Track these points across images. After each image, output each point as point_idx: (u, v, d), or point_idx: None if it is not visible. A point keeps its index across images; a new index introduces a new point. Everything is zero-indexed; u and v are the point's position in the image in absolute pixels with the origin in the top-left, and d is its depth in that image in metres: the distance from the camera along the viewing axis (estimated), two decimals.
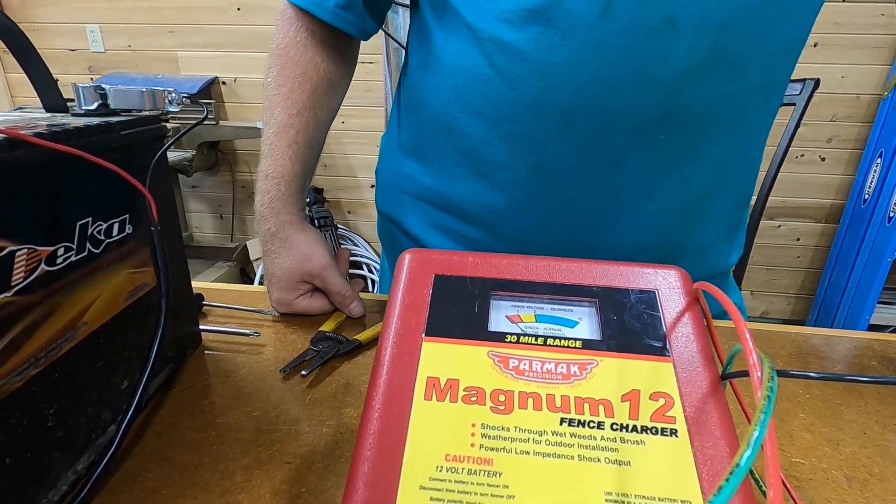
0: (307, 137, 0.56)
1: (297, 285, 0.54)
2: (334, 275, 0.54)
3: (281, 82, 0.56)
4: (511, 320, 0.29)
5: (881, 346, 0.53)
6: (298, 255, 0.53)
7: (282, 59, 0.56)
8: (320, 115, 0.58)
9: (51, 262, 0.29)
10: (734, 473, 0.13)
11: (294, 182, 0.55)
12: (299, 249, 0.54)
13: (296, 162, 0.55)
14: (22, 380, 0.27)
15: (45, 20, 2.32)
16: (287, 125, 0.55)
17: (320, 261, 0.53)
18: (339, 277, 0.54)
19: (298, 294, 0.54)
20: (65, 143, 0.29)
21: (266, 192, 0.54)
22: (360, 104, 2.24)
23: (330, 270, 0.54)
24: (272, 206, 0.54)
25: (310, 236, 0.55)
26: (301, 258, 0.53)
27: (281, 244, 0.54)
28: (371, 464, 0.23)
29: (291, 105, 0.55)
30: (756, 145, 0.55)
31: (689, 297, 0.30)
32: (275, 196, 0.54)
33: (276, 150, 0.55)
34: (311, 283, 0.54)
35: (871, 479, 0.35)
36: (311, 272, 0.53)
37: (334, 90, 0.59)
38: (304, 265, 0.53)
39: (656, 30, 0.42)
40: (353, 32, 0.57)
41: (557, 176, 0.50)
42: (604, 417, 0.25)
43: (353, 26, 0.56)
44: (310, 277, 0.54)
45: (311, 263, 0.53)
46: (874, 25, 1.95)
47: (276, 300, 0.54)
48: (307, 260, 0.53)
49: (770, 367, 0.17)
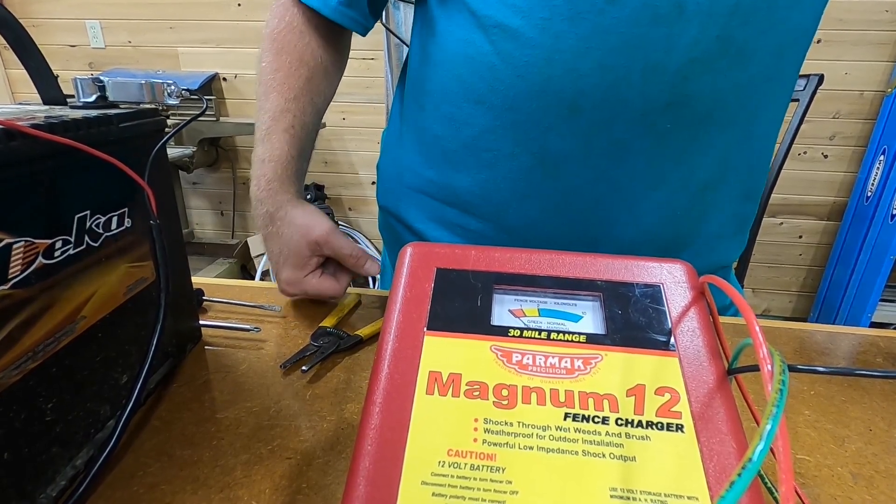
0: (304, 123, 0.55)
1: (307, 260, 0.52)
2: (341, 238, 0.52)
3: (276, 67, 0.55)
4: (514, 314, 0.29)
5: (885, 343, 0.52)
6: (301, 227, 0.52)
7: (276, 43, 0.55)
8: (316, 101, 0.57)
9: (49, 256, 0.28)
10: (746, 468, 0.13)
11: (291, 164, 0.54)
12: (300, 222, 0.52)
13: (293, 146, 0.54)
14: (20, 374, 0.27)
15: (45, 16, 2.31)
16: (284, 110, 0.54)
17: (323, 227, 0.52)
18: (347, 240, 0.53)
19: (308, 271, 0.52)
20: (63, 135, 0.29)
21: (262, 175, 0.53)
22: (361, 100, 2.24)
23: (336, 234, 0.52)
24: (269, 188, 0.53)
25: (308, 209, 0.53)
26: (304, 230, 0.52)
27: (281, 222, 0.52)
28: (372, 459, 0.23)
29: (288, 90, 0.54)
30: (763, 139, 0.54)
31: (695, 292, 0.29)
32: (271, 178, 0.53)
33: (273, 135, 0.53)
34: (321, 254, 0.52)
35: (877, 476, 0.35)
36: (316, 240, 0.51)
37: (329, 78, 0.59)
38: (308, 235, 0.51)
39: (664, 17, 0.42)
40: (357, 29, 0.57)
41: (562, 165, 0.50)
42: (608, 412, 0.24)
43: (355, 23, 0.56)
44: (317, 247, 0.52)
45: (315, 231, 0.51)
46: (878, 22, 1.94)
47: (286, 280, 0.52)
48: (310, 230, 0.52)
49: (781, 361, 0.17)
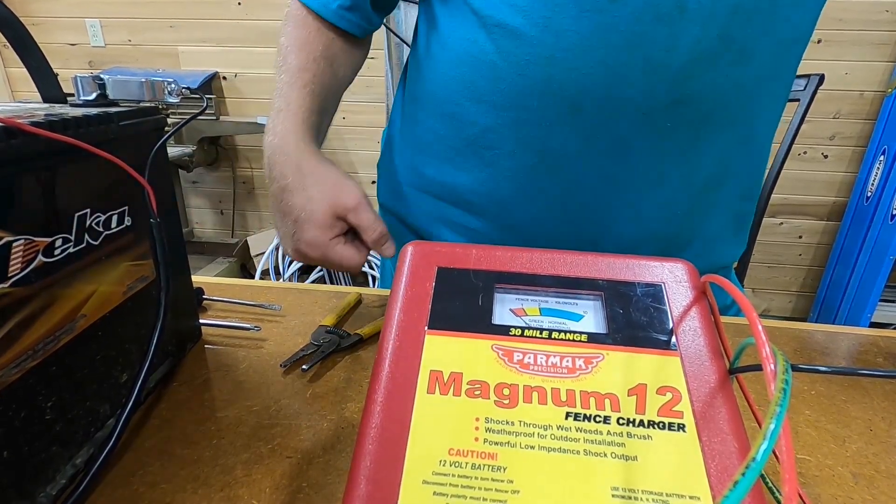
0: (323, 83, 0.52)
1: (334, 222, 0.46)
2: (370, 210, 0.47)
3: (296, 35, 0.52)
4: (515, 313, 0.29)
5: (886, 343, 0.52)
6: (332, 187, 0.46)
7: (297, 20, 0.54)
8: (336, 68, 0.54)
9: (48, 254, 0.28)
10: (750, 467, 0.13)
11: (310, 117, 0.49)
12: (332, 181, 0.47)
13: (312, 100, 0.50)
14: (20, 372, 0.27)
15: (45, 14, 2.31)
16: (303, 69, 0.51)
17: (356, 193, 0.46)
18: (375, 214, 0.48)
19: (335, 234, 0.46)
20: (62, 133, 0.28)
21: (279, 123, 0.48)
22: (362, 100, 2.24)
23: (366, 204, 0.47)
24: (286, 138, 0.48)
25: (338, 169, 0.48)
26: (336, 190, 0.46)
27: (311, 177, 0.46)
28: (373, 458, 0.23)
29: (308, 53, 0.52)
30: (763, 139, 0.54)
31: (697, 291, 0.29)
32: (289, 128, 0.48)
33: (292, 91, 0.50)
34: (346, 221, 0.47)
35: (878, 476, 0.35)
36: (346, 205, 0.46)
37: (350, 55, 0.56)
38: (339, 198, 0.46)
39: (666, 16, 0.42)
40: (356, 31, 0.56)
41: (563, 163, 0.50)
42: (610, 412, 0.24)
43: (356, 27, 0.55)
44: (345, 211, 0.46)
45: (347, 196, 0.46)
46: (879, 22, 1.94)
47: (309, 241, 0.46)
48: (343, 192, 0.46)
49: (784, 360, 0.17)
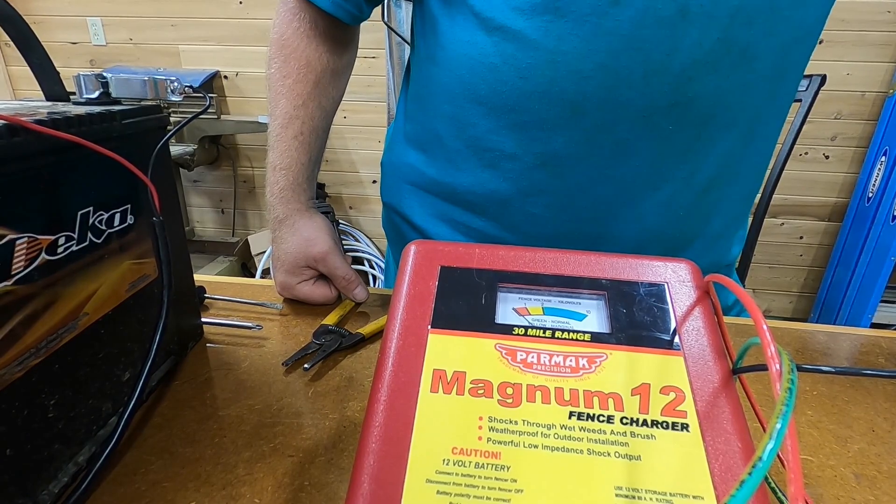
0: (313, 127, 0.58)
1: (301, 270, 0.54)
2: (337, 259, 0.54)
3: (285, 73, 0.56)
4: (518, 313, 0.29)
5: (888, 343, 0.52)
6: (302, 239, 0.55)
7: (284, 49, 0.56)
8: (324, 105, 0.59)
9: (51, 252, 0.28)
10: (756, 467, 0.13)
11: (301, 172, 0.57)
12: (303, 234, 0.55)
13: (302, 152, 0.57)
14: (22, 370, 0.27)
15: (46, 13, 2.31)
16: (293, 116, 0.56)
17: (323, 245, 0.54)
18: (343, 262, 0.55)
19: (301, 279, 0.55)
20: (65, 131, 0.28)
21: (275, 182, 0.56)
22: (363, 99, 2.24)
23: (333, 255, 0.54)
24: (281, 196, 0.56)
25: (316, 222, 0.56)
26: (305, 243, 0.54)
27: (287, 230, 0.55)
28: (376, 457, 0.23)
29: (296, 96, 0.56)
30: (765, 140, 0.54)
31: (700, 291, 0.29)
32: (283, 186, 0.56)
33: (283, 142, 0.56)
34: (315, 269, 0.55)
35: (880, 477, 0.35)
36: (314, 256, 0.54)
37: (337, 79, 0.60)
38: (307, 249, 0.54)
39: (667, 19, 0.42)
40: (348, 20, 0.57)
41: (564, 165, 0.50)
42: (613, 411, 0.24)
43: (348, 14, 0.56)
44: (313, 262, 0.54)
45: (314, 248, 0.54)
46: (880, 22, 1.93)
47: (280, 284, 0.56)
48: (310, 245, 0.54)
49: (790, 360, 0.17)
